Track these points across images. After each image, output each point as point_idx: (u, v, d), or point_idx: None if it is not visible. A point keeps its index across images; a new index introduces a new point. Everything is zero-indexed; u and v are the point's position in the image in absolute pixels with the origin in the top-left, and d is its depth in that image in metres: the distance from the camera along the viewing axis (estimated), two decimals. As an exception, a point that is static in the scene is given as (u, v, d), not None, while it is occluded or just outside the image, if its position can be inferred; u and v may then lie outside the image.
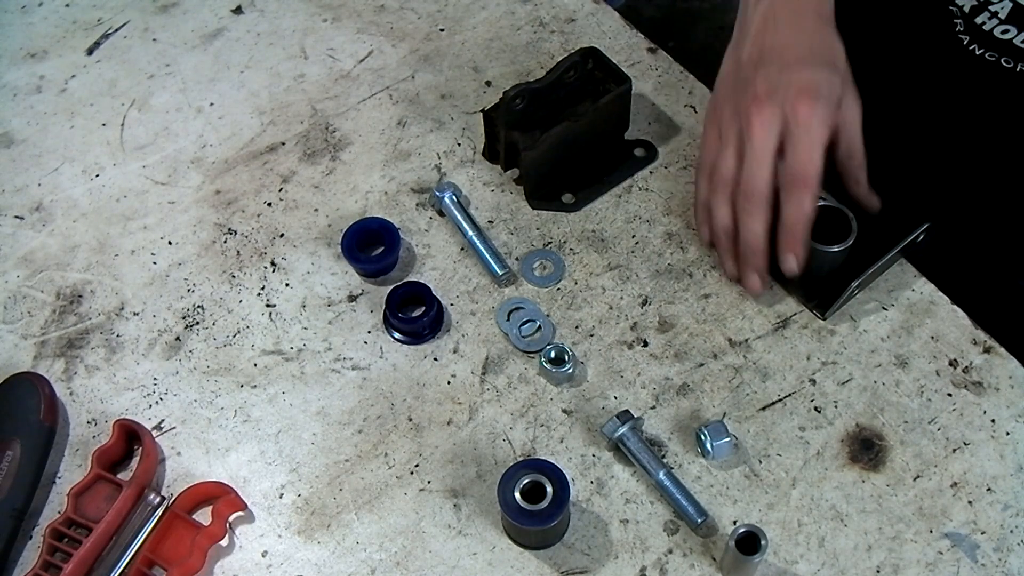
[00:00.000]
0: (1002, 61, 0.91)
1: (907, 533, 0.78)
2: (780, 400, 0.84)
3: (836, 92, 0.80)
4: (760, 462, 0.82)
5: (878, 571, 0.77)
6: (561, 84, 0.92)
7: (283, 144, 1.01)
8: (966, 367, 0.85)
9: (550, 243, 0.93)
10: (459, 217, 0.93)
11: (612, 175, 0.97)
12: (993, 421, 0.82)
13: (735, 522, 0.79)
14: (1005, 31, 0.89)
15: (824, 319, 0.87)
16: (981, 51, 0.92)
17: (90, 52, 1.08)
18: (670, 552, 0.78)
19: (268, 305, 0.91)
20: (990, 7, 0.89)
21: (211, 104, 1.04)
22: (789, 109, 0.78)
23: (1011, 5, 0.87)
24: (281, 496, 0.82)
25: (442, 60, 1.06)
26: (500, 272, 0.90)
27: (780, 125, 0.79)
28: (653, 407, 0.84)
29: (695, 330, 0.88)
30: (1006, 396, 0.83)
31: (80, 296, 0.92)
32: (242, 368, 0.88)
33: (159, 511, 0.80)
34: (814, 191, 0.79)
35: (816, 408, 0.84)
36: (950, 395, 0.84)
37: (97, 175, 1.00)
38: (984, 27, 0.90)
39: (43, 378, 0.85)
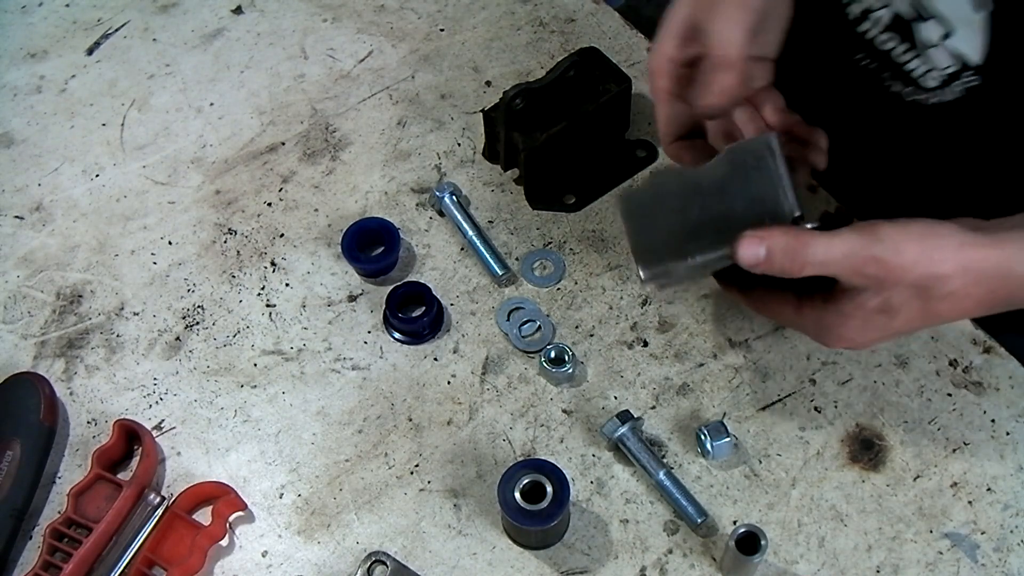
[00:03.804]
0: (884, 77, 0.89)
1: (907, 533, 0.78)
2: (780, 400, 0.84)
3: None
4: (760, 462, 0.82)
5: (878, 571, 0.77)
6: (561, 84, 0.92)
7: (283, 144, 1.01)
8: (966, 367, 0.85)
9: (550, 243, 0.93)
10: (459, 217, 0.93)
11: (612, 175, 0.97)
12: (993, 421, 0.82)
13: (735, 522, 0.79)
14: (885, 41, 0.86)
15: None
16: (867, 61, 0.89)
17: (90, 52, 1.08)
18: (670, 552, 0.78)
19: (268, 305, 0.91)
20: (872, 15, 0.85)
21: (211, 104, 1.04)
22: None
23: (891, 14, 0.84)
24: (281, 496, 0.82)
25: (442, 60, 1.06)
26: (500, 272, 0.90)
27: None
28: (653, 407, 0.84)
29: (695, 330, 0.88)
30: (1006, 396, 0.83)
31: (80, 296, 0.92)
32: (242, 368, 0.88)
33: (159, 511, 0.80)
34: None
35: (816, 408, 0.84)
36: (950, 395, 0.84)
37: (97, 175, 1.00)
38: (867, 35, 0.87)
39: (43, 378, 0.85)
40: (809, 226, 0.68)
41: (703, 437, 0.81)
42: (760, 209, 0.68)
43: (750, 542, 0.72)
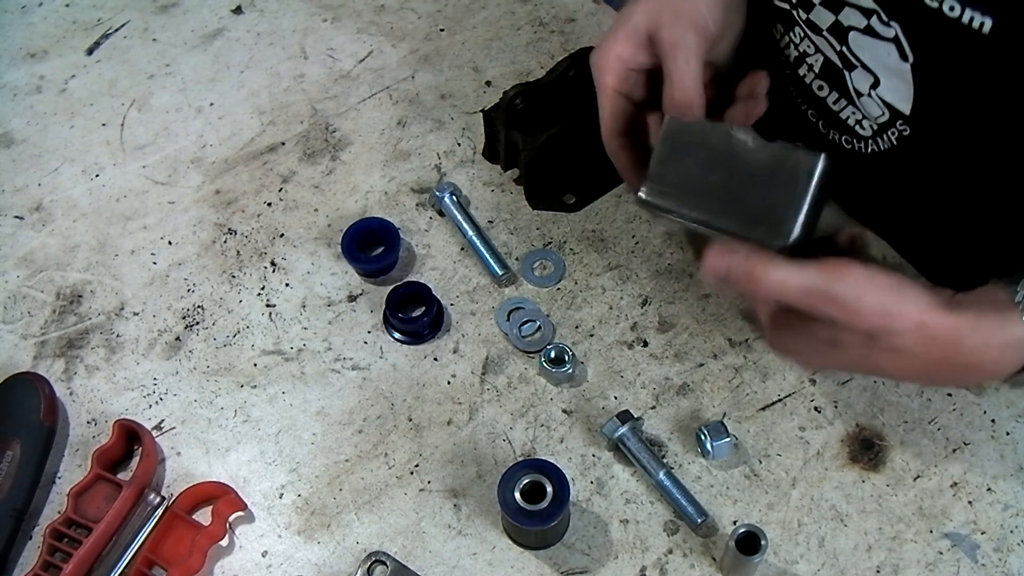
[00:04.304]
0: (820, 126, 0.89)
1: (907, 533, 0.78)
2: (780, 400, 0.84)
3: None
4: (760, 462, 0.82)
5: (878, 571, 0.77)
6: (561, 84, 0.92)
7: (283, 144, 1.01)
8: (966, 367, 0.85)
9: (550, 243, 0.93)
10: (459, 217, 0.93)
11: (612, 175, 0.96)
12: (993, 421, 0.82)
13: (735, 522, 0.79)
14: (820, 87, 0.85)
15: None
16: (805, 107, 0.89)
17: (90, 52, 1.08)
18: (670, 552, 0.78)
19: (268, 305, 0.91)
20: (807, 59, 0.85)
21: (211, 104, 1.04)
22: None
23: (822, 59, 0.83)
24: (281, 496, 0.82)
25: (442, 60, 1.06)
26: (500, 272, 0.90)
27: None
28: (653, 407, 0.84)
29: (695, 330, 0.88)
30: (1006, 396, 0.83)
31: (80, 296, 0.92)
32: (242, 368, 0.88)
33: (159, 511, 0.80)
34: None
35: (816, 408, 0.84)
36: (950, 395, 0.84)
37: (97, 175, 1.00)
38: (805, 79, 0.87)
39: (43, 378, 0.85)
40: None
41: (703, 437, 0.81)
42: (766, 214, 0.69)
43: (750, 542, 0.72)
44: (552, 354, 0.85)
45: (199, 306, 0.91)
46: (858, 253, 0.70)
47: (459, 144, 1.00)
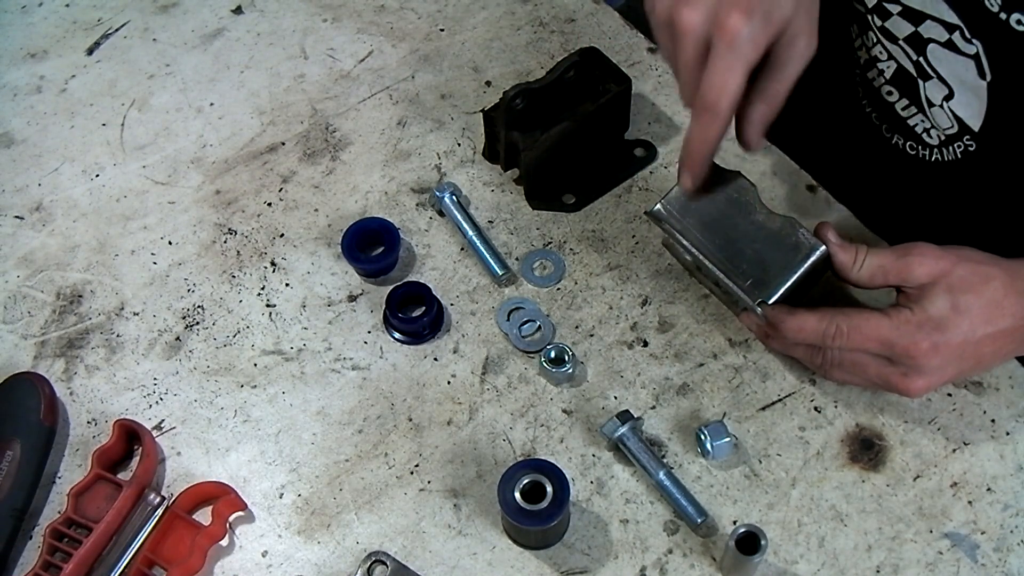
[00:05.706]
0: (883, 129, 0.89)
1: (907, 533, 0.78)
2: (780, 400, 0.84)
3: (782, 14, 0.68)
4: (760, 462, 0.82)
5: (878, 571, 0.77)
6: (561, 84, 0.92)
7: (283, 144, 1.01)
8: (966, 367, 0.85)
9: (550, 243, 0.93)
10: (459, 217, 0.93)
11: (612, 175, 0.97)
12: (993, 421, 0.82)
13: (735, 522, 0.79)
14: (890, 93, 0.86)
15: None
16: (870, 110, 0.89)
17: (90, 52, 1.08)
18: (670, 552, 0.78)
19: (268, 305, 0.91)
20: (879, 64, 0.85)
21: (211, 104, 1.04)
22: (718, 18, 0.67)
23: (895, 66, 0.84)
24: (281, 496, 0.82)
25: (442, 60, 1.06)
26: (500, 272, 0.90)
27: (706, 30, 0.67)
28: (653, 407, 0.84)
29: (695, 330, 0.88)
30: (1006, 396, 0.83)
31: (80, 296, 0.92)
32: (242, 368, 0.88)
33: (159, 511, 0.80)
34: (722, 119, 0.69)
35: (816, 408, 0.84)
36: (950, 395, 0.84)
37: (97, 175, 1.00)
38: (874, 83, 0.87)
39: (43, 378, 0.85)
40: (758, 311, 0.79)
41: (703, 437, 0.81)
42: (756, 272, 0.78)
43: (750, 542, 0.72)
44: (552, 354, 0.85)
45: (199, 306, 0.91)
46: None
47: (459, 144, 1.00)
